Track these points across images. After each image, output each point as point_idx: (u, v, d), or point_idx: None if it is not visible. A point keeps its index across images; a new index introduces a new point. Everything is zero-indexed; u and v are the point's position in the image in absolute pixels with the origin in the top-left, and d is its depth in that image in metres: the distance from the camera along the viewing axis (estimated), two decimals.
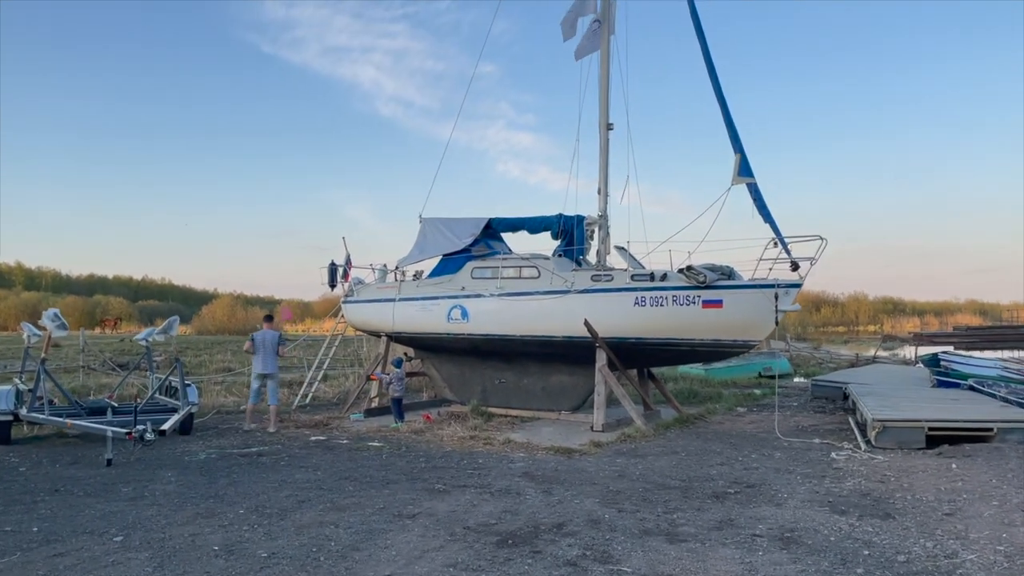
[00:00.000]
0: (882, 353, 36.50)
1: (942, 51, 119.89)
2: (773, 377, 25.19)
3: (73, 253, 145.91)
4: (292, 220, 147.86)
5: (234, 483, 9.00)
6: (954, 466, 9.45)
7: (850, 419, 14.25)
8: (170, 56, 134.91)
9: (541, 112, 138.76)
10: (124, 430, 9.96)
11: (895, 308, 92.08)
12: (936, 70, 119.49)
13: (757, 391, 20.29)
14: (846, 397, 17.43)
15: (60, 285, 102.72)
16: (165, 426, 10.09)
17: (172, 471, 9.75)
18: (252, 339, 13.71)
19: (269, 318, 14.12)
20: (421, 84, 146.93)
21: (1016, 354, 36.18)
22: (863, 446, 11.44)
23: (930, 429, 11.37)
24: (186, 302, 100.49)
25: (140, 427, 9.77)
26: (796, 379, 25.92)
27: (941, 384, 17.54)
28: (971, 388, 15.97)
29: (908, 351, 39.88)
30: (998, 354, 33.06)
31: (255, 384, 13.62)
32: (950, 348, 37.12)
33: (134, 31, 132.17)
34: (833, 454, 10.93)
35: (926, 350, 36.64)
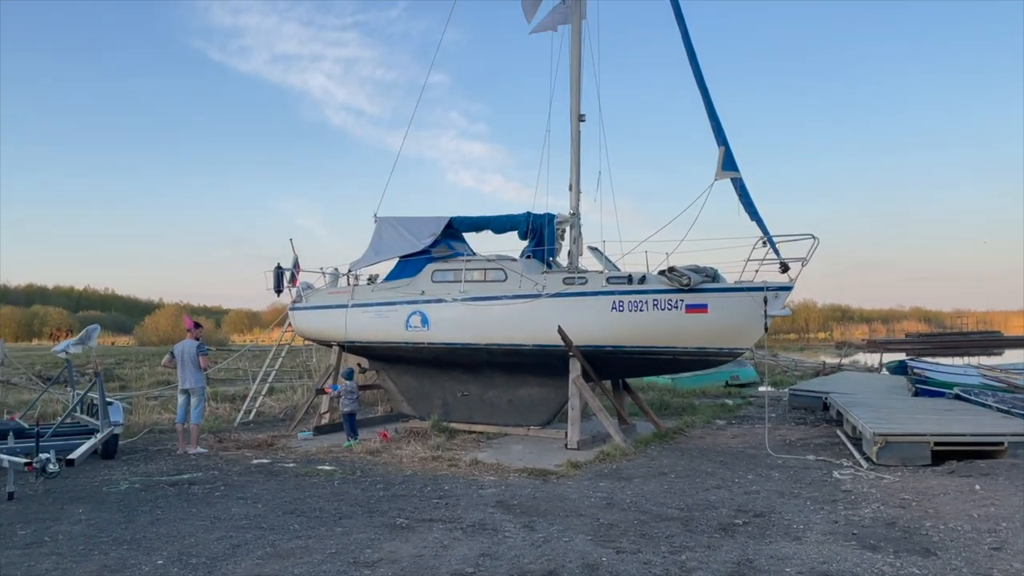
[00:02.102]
0: (843, 361, 36.06)
1: (894, 58, 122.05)
2: (741, 386, 24.41)
3: (11, 262, 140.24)
4: (241, 229, 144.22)
5: (156, 521, 7.60)
6: (978, 488, 8.48)
7: (839, 432, 13.32)
8: (111, 60, 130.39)
9: (493, 122, 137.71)
10: (23, 460, 8.43)
11: (844, 315, 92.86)
12: (878, 78, 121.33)
13: (729, 401, 19.35)
14: (826, 407, 16.60)
15: None
16: (74, 455, 8.58)
17: (85, 506, 8.30)
18: (171, 353, 12.27)
19: (198, 325, 12.64)
20: (372, 93, 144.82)
21: (973, 360, 36.19)
22: (864, 464, 10.47)
23: (936, 444, 10.47)
24: (130, 313, 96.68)
25: (43, 456, 8.24)
26: (762, 388, 25.18)
27: (922, 393, 16.80)
28: (957, 397, 15.21)
29: (865, 358, 39.57)
30: (961, 361, 32.93)
31: (180, 400, 12.17)
32: (903, 355, 37.04)
33: (71, 34, 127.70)
34: (835, 473, 9.93)
35: (890, 357, 36.48)
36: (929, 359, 28.81)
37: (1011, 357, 40.60)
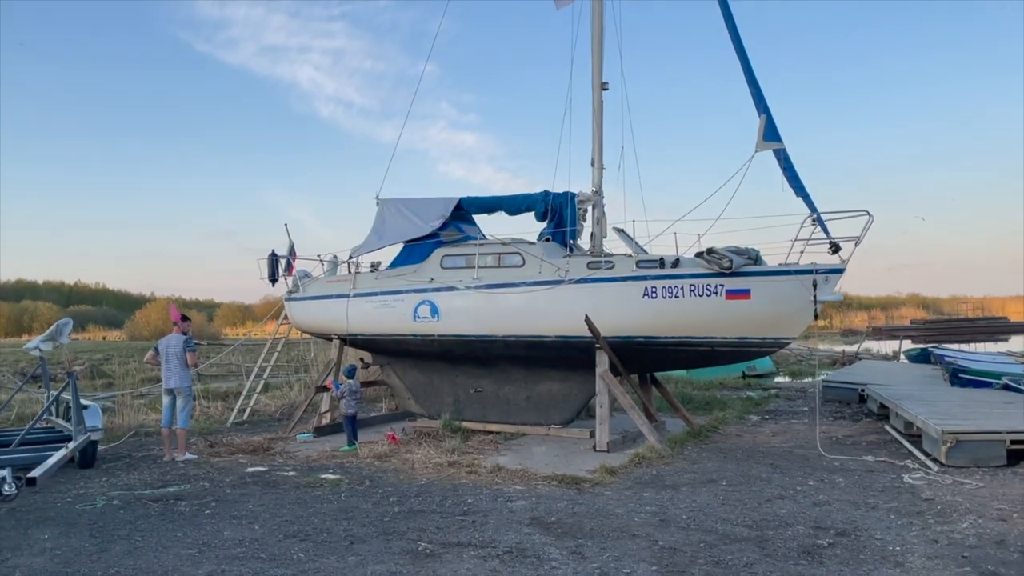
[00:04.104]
0: (850, 348, 35.01)
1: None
2: (758, 376, 23.35)
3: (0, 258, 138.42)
4: (233, 222, 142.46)
5: (135, 550, 6.41)
6: None
7: (887, 428, 12.22)
8: (98, 54, 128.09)
9: (483, 112, 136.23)
10: None
11: (843, 303, 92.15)
12: (863, 59, 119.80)
13: (753, 394, 18.27)
14: (862, 399, 15.53)
15: None
16: (36, 472, 7.34)
17: (52, 530, 7.11)
18: (155, 348, 11.08)
19: (185, 319, 11.41)
20: (361, 84, 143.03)
21: (980, 347, 35.28)
22: (932, 466, 9.36)
23: (1012, 442, 9.37)
24: (121, 307, 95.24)
25: None
26: (779, 378, 24.12)
27: (962, 383, 15.70)
28: (1006, 387, 14.12)
29: (876, 346, 38.54)
30: (968, 347, 31.94)
31: (165, 401, 10.99)
32: (908, 342, 36.07)
33: (57, 26, 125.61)
34: (906, 477, 8.82)
35: (896, 345, 35.45)
36: (953, 346, 27.75)
37: (1018, 343, 39.69)
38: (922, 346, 27.36)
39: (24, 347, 11.84)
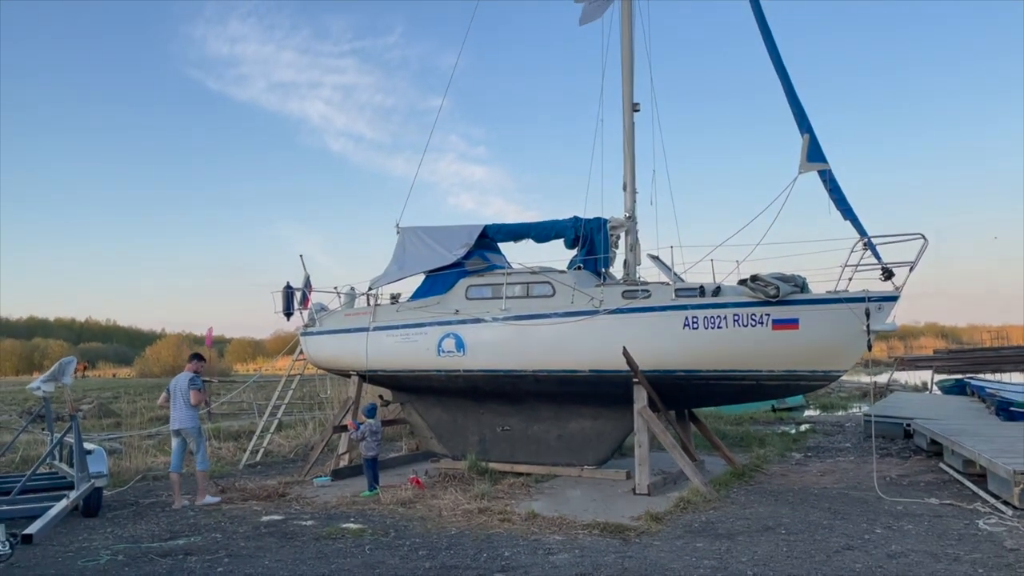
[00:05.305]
0: (879, 379, 34.06)
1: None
2: (788, 410, 22.54)
3: (11, 296, 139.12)
4: (243, 257, 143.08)
5: None
6: None
7: (942, 466, 11.45)
8: (112, 92, 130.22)
9: (492, 145, 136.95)
10: None
11: None
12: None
13: (789, 429, 17.45)
14: (907, 435, 14.71)
15: None
16: (33, 528, 6.63)
17: None
18: (167, 389, 10.47)
19: (196, 357, 10.79)
20: (371, 118, 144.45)
21: (1006, 377, 34.25)
22: (1005, 509, 8.58)
23: None
24: (132, 344, 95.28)
25: None
26: (808, 411, 23.28)
27: (1010, 416, 14.87)
28: None
29: (903, 376, 37.57)
30: (993, 376, 30.96)
31: (174, 444, 10.35)
32: (928, 371, 35.12)
33: (73, 67, 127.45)
34: (980, 523, 8.05)
35: (921, 375, 34.50)
36: (987, 377, 26.86)
37: None
38: (956, 377, 26.46)
39: (27, 387, 11.22)
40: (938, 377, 29.31)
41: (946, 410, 16.35)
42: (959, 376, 26.19)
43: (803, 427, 18.01)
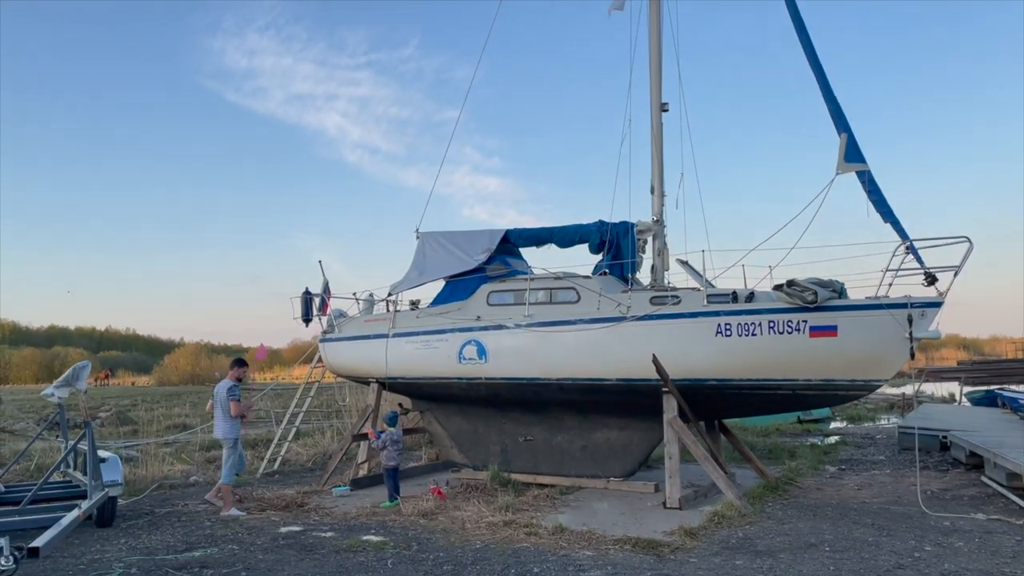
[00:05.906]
0: (906, 391, 33.42)
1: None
2: (814, 421, 22.01)
3: (33, 304, 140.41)
4: (260, 267, 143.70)
5: None
6: None
7: (984, 479, 10.99)
8: (131, 105, 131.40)
9: (507, 156, 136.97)
10: None
11: None
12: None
13: (817, 441, 16.98)
14: (943, 447, 14.23)
15: (19, 337, 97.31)
16: (40, 541, 6.34)
17: None
18: (213, 395, 10.31)
19: (238, 363, 10.61)
20: (386, 130, 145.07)
21: None
22: None
23: None
24: (151, 352, 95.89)
25: None
26: (835, 423, 22.73)
27: None
28: None
29: (925, 387, 36.87)
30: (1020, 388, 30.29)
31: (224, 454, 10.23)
32: (955, 383, 34.47)
33: (92, 80, 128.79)
34: None
35: (948, 386, 33.88)
36: (1016, 388, 26.22)
37: None
38: (985, 388, 25.85)
39: (41, 393, 10.98)
40: (966, 389, 28.70)
41: (980, 421, 15.84)
42: (987, 388, 25.58)
43: (832, 439, 17.52)
